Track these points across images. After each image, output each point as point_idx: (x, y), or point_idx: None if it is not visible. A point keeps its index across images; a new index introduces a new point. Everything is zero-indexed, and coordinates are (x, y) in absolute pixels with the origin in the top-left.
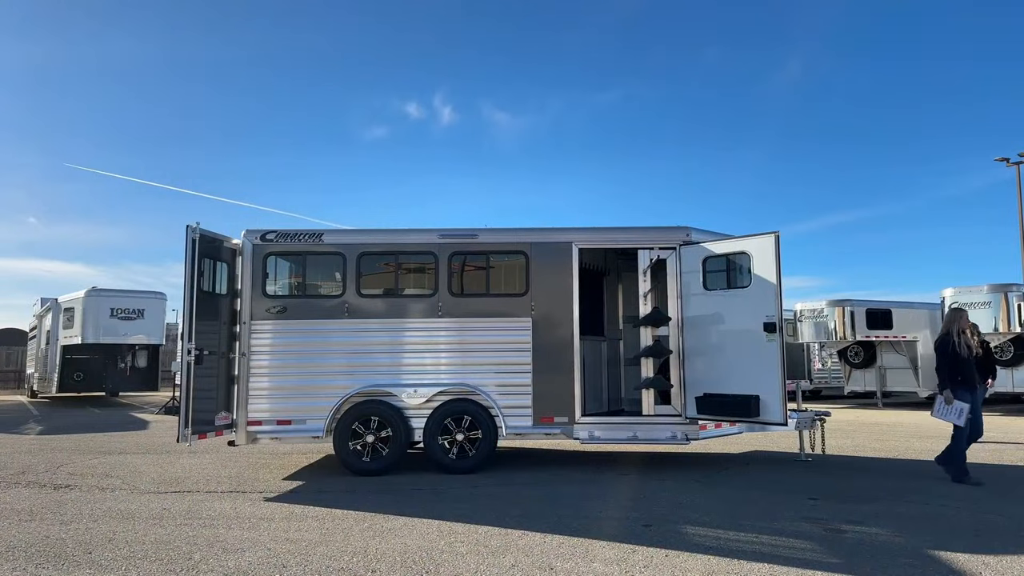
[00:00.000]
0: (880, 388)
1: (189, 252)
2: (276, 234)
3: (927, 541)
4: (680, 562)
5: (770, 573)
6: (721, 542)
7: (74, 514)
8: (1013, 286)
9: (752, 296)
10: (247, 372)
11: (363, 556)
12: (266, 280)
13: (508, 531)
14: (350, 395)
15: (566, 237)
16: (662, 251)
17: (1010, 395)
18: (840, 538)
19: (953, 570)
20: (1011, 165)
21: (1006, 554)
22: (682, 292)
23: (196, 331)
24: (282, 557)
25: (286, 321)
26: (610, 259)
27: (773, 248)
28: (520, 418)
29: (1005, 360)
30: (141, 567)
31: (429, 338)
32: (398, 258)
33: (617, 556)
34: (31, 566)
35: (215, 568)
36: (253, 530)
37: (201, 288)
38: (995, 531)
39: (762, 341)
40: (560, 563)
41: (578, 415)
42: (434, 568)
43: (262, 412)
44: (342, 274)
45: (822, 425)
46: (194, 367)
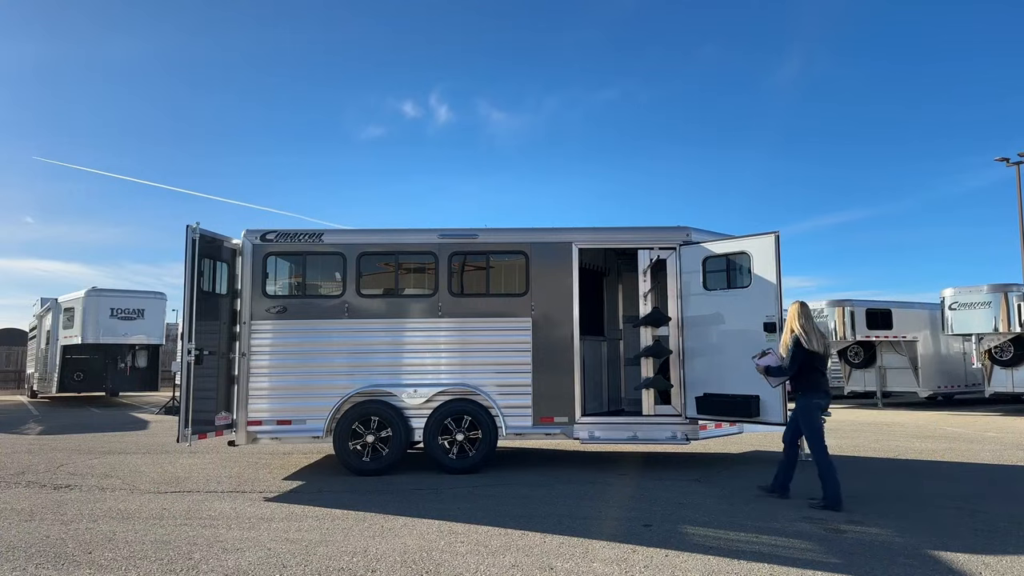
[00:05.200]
0: (880, 388)
1: (189, 252)
2: (276, 234)
3: (927, 541)
4: (680, 562)
5: (770, 573)
6: (721, 542)
7: (74, 514)
8: (1013, 286)
9: (752, 296)
10: (247, 372)
11: (363, 556)
12: (266, 280)
13: (508, 531)
14: (350, 395)
15: (566, 237)
16: (662, 251)
17: (1010, 395)
18: (840, 538)
19: (953, 570)
20: (1011, 165)
21: (1006, 554)
22: (682, 292)
23: (196, 331)
24: (282, 557)
25: (286, 321)
26: (610, 259)
27: (773, 248)
28: (520, 418)
29: (1005, 360)
30: (141, 567)
31: (429, 338)
32: (398, 258)
33: (617, 556)
34: (31, 566)
35: (215, 568)
36: (253, 530)
37: (201, 288)
38: (995, 531)
39: (762, 341)
40: (560, 563)
41: (578, 415)
42: (434, 568)
43: (262, 412)
44: (342, 274)
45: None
46: (194, 367)
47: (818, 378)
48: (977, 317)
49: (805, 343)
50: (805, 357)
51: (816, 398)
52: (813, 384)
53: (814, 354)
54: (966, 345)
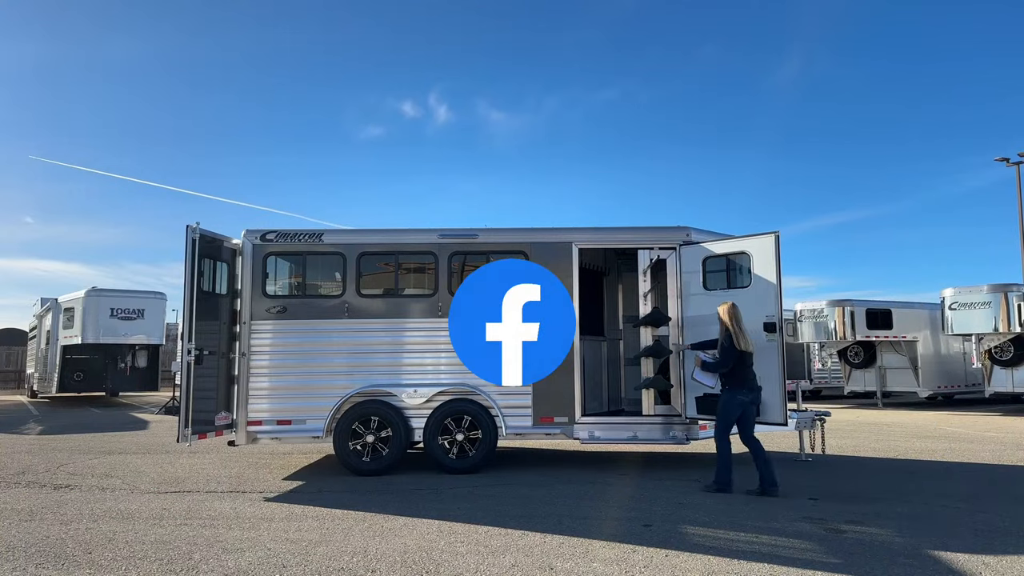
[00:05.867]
0: (880, 388)
1: (189, 252)
2: (276, 234)
3: (927, 541)
4: (680, 562)
5: (770, 573)
6: (721, 542)
7: (74, 514)
8: (1013, 286)
9: (752, 296)
10: (247, 372)
11: (363, 556)
12: (266, 280)
13: (508, 531)
14: (350, 395)
15: (566, 237)
16: (662, 251)
17: (1010, 395)
18: (840, 538)
19: (953, 570)
20: (1011, 165)
21: (1006, 554)
22: (682, 292)
23: (196, 331)
24: (282, 557)
25: (286, 321)
26: (610, 259)
27: (773, 248)
28: (520, 418)
29: (1005, 360)
30: (141, 567)
31: (429, 338)
32: (398, 258)
33: (617, 556)
34: (31, 566)
35: (215, 568)
36: (253, 530)
37: (201, 288)
38: (995, 531)
39: (762, 341)
40: (560, 563)
41: (578, 415)
42: (434, 568)
43: (262, 412)
44: (342, 274)
45: (822, 425)
46: (194, 367)
47: (746, 373)
48: (977, 317)
49: (736, 342)
50: (736, 355)
51: (740, 394)
52: (740, 379)
53: (744, 352)
54: (966, 345)
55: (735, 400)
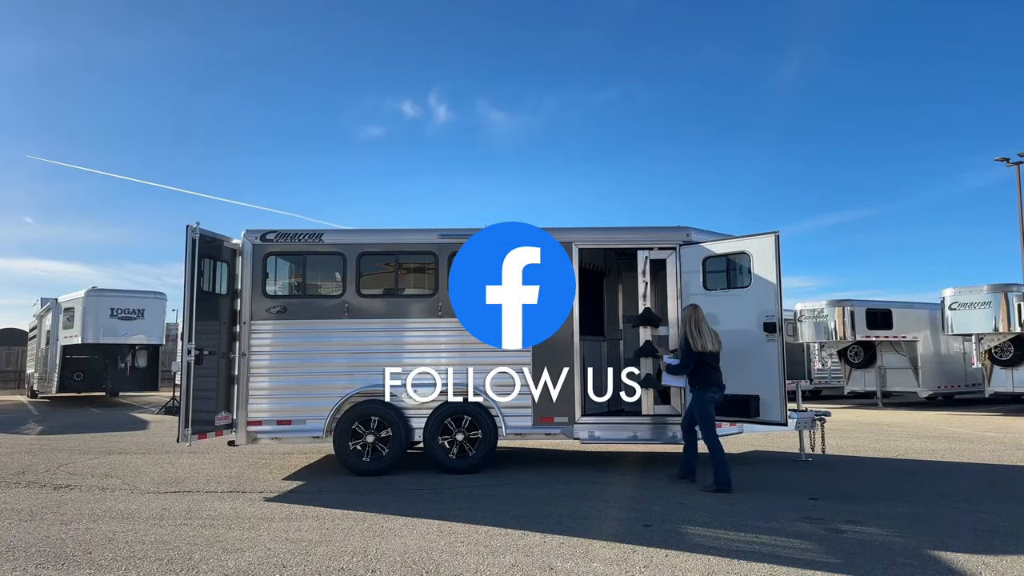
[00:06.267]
0: (880, 388)
1: (189, 252)
2: (276, 234)
3: (927, 541)
4: (680, 562)
5: (770, 573)
6: (721, 542)
7: (74, 514)
8: (1013, 286)
9: (752, 296)
10: (247, 372)
11: (363, 556)
12: (266, 280)
13: (508, 531)
14: (350, 395)
15: (566, 237)
16: (662, 251)
17: (1010, 395)
18: (840, 538)
19: (953, 570)
20: (1011, 165)
21: (1006, 554)
22: (682, 292)
23: (196, 331)
24: (282, 557)
25: (286, 321)
26: (610, 259)
27: (773, 248)
28: (520, 418)
29: (1005, 360)
30: (141, 567)
31: (429, 338)
32: (398, 258)
33: (617, 556)
34: (31, 566)
35: (215, 568)
36: (253, 530)
37: (201, 288)
38: (995, 531)
39: (762, 341)
40: (560, 563)
41: (578, 415)
42: (434, 568)
43: (262, 412)
44: (342, 274)
45: (822, 425)
46: (194, 367)
47: (710, 373)
48: (977, 317)
49: (692, 344)
50: (696, 356)
51: (710, 392)
52: (705, 379)
53: (704, 353)
54: (966, 345)
55: (707, 398)
